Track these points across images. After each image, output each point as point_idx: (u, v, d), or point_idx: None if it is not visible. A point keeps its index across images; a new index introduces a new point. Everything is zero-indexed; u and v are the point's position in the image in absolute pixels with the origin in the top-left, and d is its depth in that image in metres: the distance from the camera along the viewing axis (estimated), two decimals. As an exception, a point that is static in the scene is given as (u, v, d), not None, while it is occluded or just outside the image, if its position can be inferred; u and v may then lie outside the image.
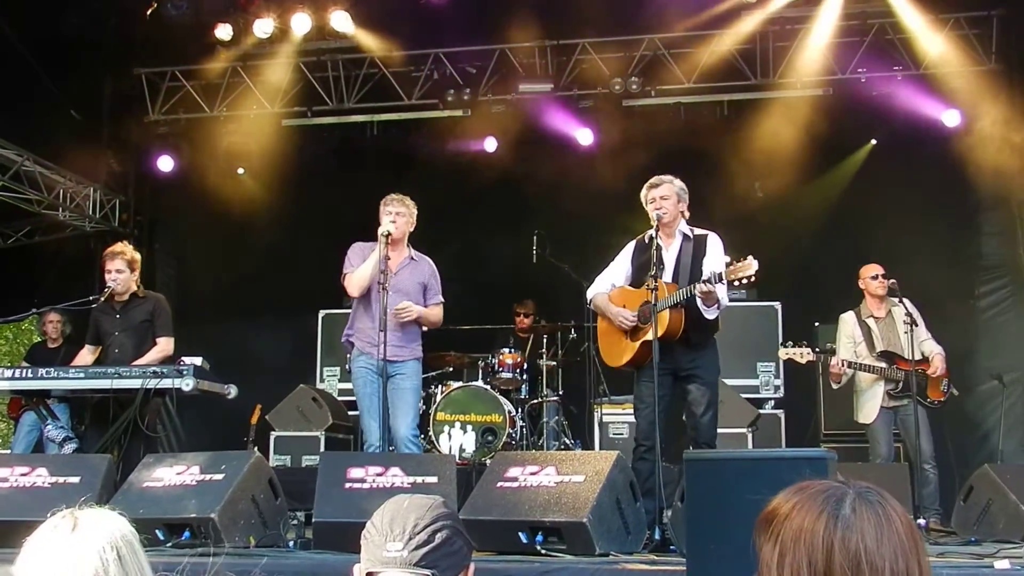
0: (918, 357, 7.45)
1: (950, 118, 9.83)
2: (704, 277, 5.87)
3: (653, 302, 5.79)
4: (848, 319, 7.87)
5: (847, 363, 7.61)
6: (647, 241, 6.29)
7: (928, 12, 9.42)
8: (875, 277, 7.76)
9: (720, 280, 5.76)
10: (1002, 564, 4.57)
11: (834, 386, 7.86)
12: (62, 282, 10.14)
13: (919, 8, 9.36)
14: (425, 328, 7.00)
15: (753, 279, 5.71)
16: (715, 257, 6.20)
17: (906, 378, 7.44)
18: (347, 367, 6.88)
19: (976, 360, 9.44)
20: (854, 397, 7.85)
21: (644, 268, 6.20)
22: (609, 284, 6.42)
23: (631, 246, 6.44)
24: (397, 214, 6.76)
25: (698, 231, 6.35)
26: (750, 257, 5.70)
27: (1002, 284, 9.85)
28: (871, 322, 7.76)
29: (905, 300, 7.62)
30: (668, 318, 5.95)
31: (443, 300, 6.99)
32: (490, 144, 10.68)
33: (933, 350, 7.64)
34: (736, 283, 5.76)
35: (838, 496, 1.62)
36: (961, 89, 9.67)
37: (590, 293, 6.52)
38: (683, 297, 5.93)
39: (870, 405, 7.67)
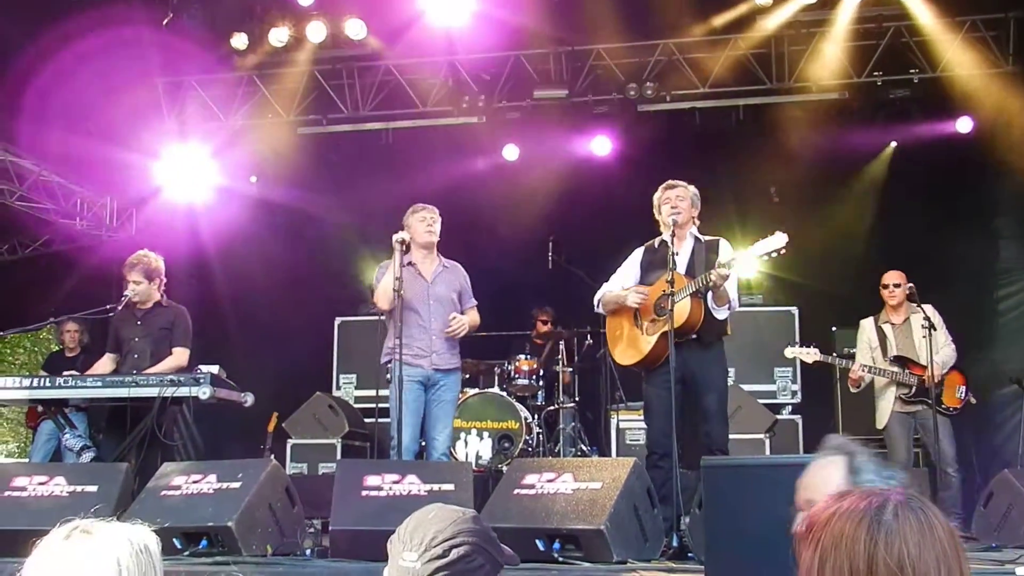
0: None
1: (967, 121, 9.77)
2: (718, 263, 5.90)
3: (671, 292, 5.76)
4: (866, 325, 7.90)
5: (865, 368, 7.63)
6: (657, 245, 6.31)
7: (944, 14, 9.36)
8: (885, 287, 7.77)
9: (745, 258, 5.78)
10: (1023, 570, 4.54)
11: (853, 390, 7.87)
12: (79, 291, 10.17)
13: (935, 10, 9.31)
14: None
15: (783, 251, 5.72)
16: (727, 258, 6.21)
17: (919, 383, 7.43)
18: (387, 377, 6.83)
19: (995, 364, 9.37)
20: (875, 402, 7.83)
21: (655, 269, 6.23)
22: (619, 287, 6.42)
23: (639, 251, 6.46)
24: (433, 220, 6.82)
25: (708, 236, 6.36)
26: (777, 232, 5.73)
27: (1021, 288, 9.78)
28: (887, 328, 7.78)
29: (926, 306, 7.59)
30: (689, 307, 5.94)
31: (475, 303, 7.02)
32: (507, 151, 10.68)
33: (941, 359, 7.59)
34: (765, 256, 5.77)
35: (880, 502, 1.62)
36: (978, 91, 9.61)
37: (597, 296, 6.52)
38: (701, 284, 5.92)
39: (882, 409, 7.67)
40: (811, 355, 7.65)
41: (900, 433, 7.59)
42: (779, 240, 5.77)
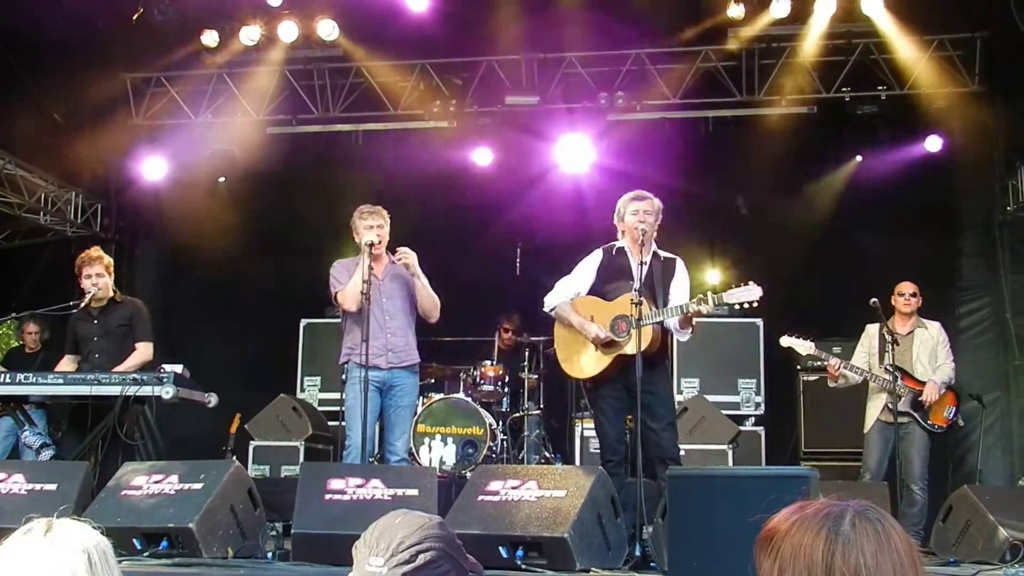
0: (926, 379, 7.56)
1: (933, 139, 9.88)
2: (698, 296, 5.89)
3: (638, 316, 5.77)
4: (871, 330, 7.87)
5: (844, 364, 7.62)
6: (614, 253, 6.29)
7: (912, 33, 9.46)
8: (902, 294, 7.80)
9: (719, 303, 5.80)
10: (981, 585, 4.58)
11: (830, 384, 7.85)
12: (42, 287, 10.08)
13: (904, 29, 9.41)
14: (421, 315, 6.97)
15: (755, 305, 5.77)
16: (683, 281, 6.26)
17: (911, 396, 7.47)
18: (343, 377, 6.84)
19: (955, 380, 9.46)
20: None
21: (612, 279, 6.21)
22: (573, 292, 6.35)
23: (598, 254, 6.38)
24: (379, 226, 6.77)
25: (665, 254, 6.34)
26: (751, 283, 5.77)
27: (982, 305, 9.89)
28: (889, 336, 7.76)
29: (932, 324, 7.74)
30: (651, 334, 5.95)
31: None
32: (477, 156, 10.65)
33: (937, 376, 7.65)
34: (737, 306, 5.82)
35: (837, 513, 1.63)
36: (944, 109, 9.74)
37: (552, 300, 6.40)
38: (672, 315, 5.94)
39: (869, 415, 7.69)
40: (806, 347, 7.62)
41: (876, 443, 7.60)
42: (753, 293, 5.80)
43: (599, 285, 6.30)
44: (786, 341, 7.72)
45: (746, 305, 5.83)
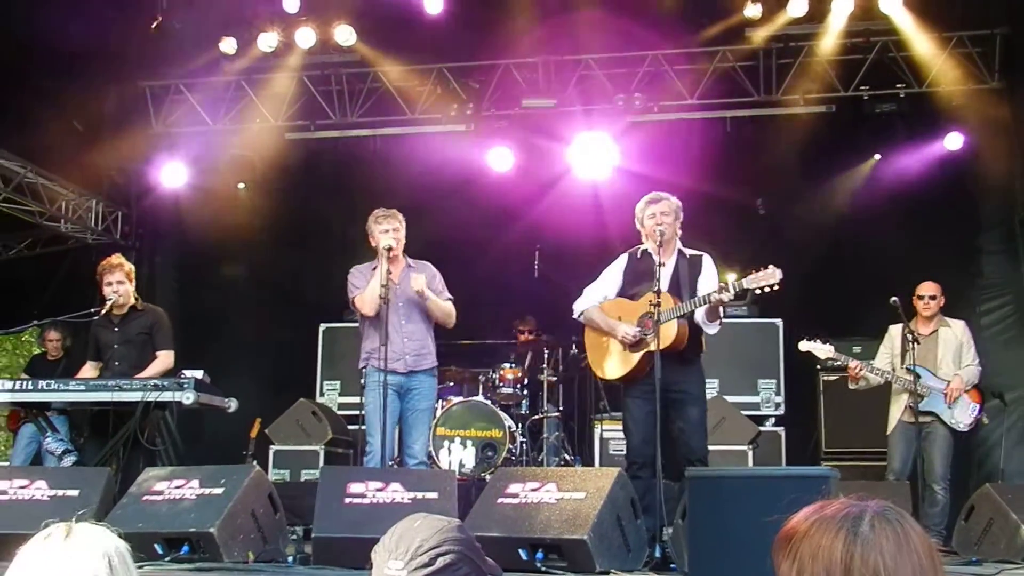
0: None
1: (953, 136, 9.82)
2: (719, 285, 5.87)
3: (656, 316, 5.77)
4: (893, 331, 7.84)
5: (865, 366, 7.59)
6: (639, 256, 6.30)
7: (931, 30, 9.42)
8: (920, 297, 7.76)
9: (739, 289, 5.78)
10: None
11: (851, 386, 7.82)
12: (63, 294, 10.13)
13: (922, 26, 9.37)
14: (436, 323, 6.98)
15: (777, 287, 5.73)
16: (710, 277, 6.23)
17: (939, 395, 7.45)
18: (362, 381, 6.87)
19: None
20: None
21: (638, 281, 6.21)
22: (601, 296, 6.37)
23: (623, 259, 6.41)
24: (395, 229, 6.79)
25: (691, 251, 6.34)
26: (771, 266, 5.73)
27: (1003, 303, 9.82)
28: (912, 337, 7.72)
29: (956, 322, 7.71)
30: (676, 329, 5.94)
31: (451, 297, 6.98)
32: (494, 159, 10.63)
33: (962, 375, 7.59)
34: (759, 291, 5.78)
35: (856, 514, 1.62)
36: (964, 107, 9.68)
37: (580, 305, 6.43)
38: (695, 307, 5.92)
39: (892, 416, 7.67)
40: (825, 351, 7.61)
41: (899, 443, 7.57)
42: (773, 276, 5.76)
43: (626, 288, 6.33)
44: (804, 346, 7.69)
45: (767, 290, 5.76)
